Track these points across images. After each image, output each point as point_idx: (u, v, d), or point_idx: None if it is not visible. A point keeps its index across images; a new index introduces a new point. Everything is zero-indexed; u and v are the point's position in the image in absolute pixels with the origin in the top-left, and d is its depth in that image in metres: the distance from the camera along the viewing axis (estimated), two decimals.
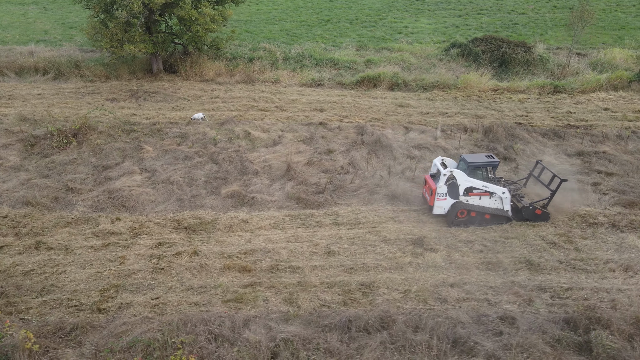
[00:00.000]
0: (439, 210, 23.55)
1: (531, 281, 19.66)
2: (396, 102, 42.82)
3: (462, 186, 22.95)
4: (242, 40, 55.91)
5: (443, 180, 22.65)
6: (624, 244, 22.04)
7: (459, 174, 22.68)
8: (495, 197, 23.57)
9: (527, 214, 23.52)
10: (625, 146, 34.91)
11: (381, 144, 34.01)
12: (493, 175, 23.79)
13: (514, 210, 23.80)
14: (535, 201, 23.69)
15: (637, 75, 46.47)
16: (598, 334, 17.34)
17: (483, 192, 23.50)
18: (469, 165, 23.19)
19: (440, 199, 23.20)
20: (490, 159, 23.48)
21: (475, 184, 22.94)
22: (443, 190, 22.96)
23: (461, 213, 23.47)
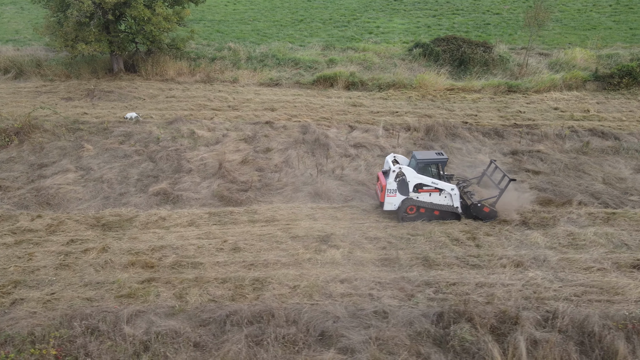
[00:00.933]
0: (389, 206, 24.38)
1: (421, 276, 20.21)
2: (350, 101, 43.31)
3: (412, 183, 23.61)
4: (211, 40, 56.41)
5: (392, 177, 23.26)
6: (526, 240, 22.62)
7: (408, 171, 23.39)
8: (445, 194, 24.25)
9: (476, 211, 24.29)
10: (562, 145, 35.46)
11: (319, 142, 34.56)
12: (442, 172, 23.78)
13: (463, 207, 24.09)
14: (484, 199, 24.04)
15: (592, 75, 46.71)
16: (458, 327, 17.88)
17: (433, 189, 24.15)
18: (417, 162, 23.72)
19: (390, 195, 24.01)
20: (440, 156, 24.09)
21: (424, 180, 23.66)
22: (393, 186, 23.68)
23: (410, 209, 24.20)
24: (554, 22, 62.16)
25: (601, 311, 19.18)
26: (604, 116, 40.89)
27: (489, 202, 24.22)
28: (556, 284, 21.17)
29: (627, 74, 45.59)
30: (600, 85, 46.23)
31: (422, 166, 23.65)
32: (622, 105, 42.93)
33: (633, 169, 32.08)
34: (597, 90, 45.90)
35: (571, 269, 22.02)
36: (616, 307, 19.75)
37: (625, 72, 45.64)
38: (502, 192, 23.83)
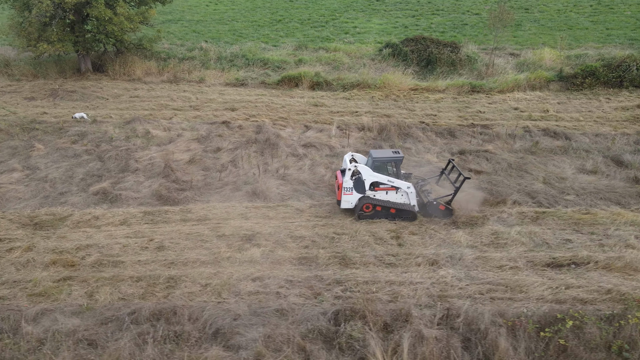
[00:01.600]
0: (346, 204, 24.80)
1: (335, 275, 20.41)
2: (312, 101, 43.73)
3: (368, 181, 23.92)
4: (186, 40, 56.86)
5: (348, 175, 23.61)
6: (449, 239, 22.87)
7: (363, 169, 23.73)
8: (402, 192, 24.52)
9: (431, 209, 24.65)
10: (512, 145, 35.73)
11: (270, 142, 34.90)
12: (398, 170, 24.17)
13: (420, 205, 24.41)
14: (440, 197, 24.43)
15: (557, 75, 46.98)
16: (350, 325, 18.24)
17: (389, 187, 24.38)
18: (374, 161, 24.07)
19: (347, 194, 24.41)
20: (396, 154, 24.38)
21: (380, 178, 23.94)
22: (349, 184, 24.04)
23: (367, 207, 24.55)
24: (531, 22, 62.45)
25: (501, 309, 19.44)
26: (561, 116, 41.10)
27: (445, 200, 24.44)
28: (464, 282, 21.47)
29: (590, 75, 45.84)
30: (564, 85, 46.33)
31: (378, 164, 24.12)
32: (582, 105, 43.14)
33: (576, 169, 32.35)
34: (561, 91, 46.06)
35: (484, 267, 22.39)
36: (516, 305, 20.00)
37: (588, 72, 45.90)
38: (457, 190, 24.40)
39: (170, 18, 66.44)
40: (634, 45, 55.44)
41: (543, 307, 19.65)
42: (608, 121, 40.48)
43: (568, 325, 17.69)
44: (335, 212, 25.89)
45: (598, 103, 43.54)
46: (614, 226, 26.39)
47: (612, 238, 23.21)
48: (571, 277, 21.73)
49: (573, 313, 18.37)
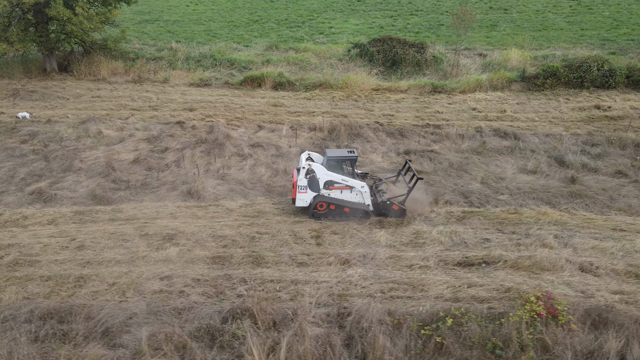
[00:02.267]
0: (301, 202, 25.00)
1: (244, 274, 20.87)
2: (271, 101, 44.02)
3: (322, 180, 24.12)
4: (159, 40, 57.15)
5: (303, 174, 23.84)
6: (369, 239, 23.12)
7: (317, 168, 23.91)
8: (356, 192, 24.64)
9: (385, 208, 24.95)
10: (459, 145, 35.93)
11: (218, 142, 35.17)
12: (354, 170, 24.55)
13: (375, 205, 24.73)
14: (393, 197, 24.81)
15: (520, 76, 47.14)
16: (236, 323, 18.56)
17: (344, 186, 24.59)
18: (328, 160, 24.29)
19: (301, 192, 24.62)
20: (351, 154, 24.64)
21: (334, 177, 24.20)
22: (303, 183, 24.28)
23: (320, 206, 24.79)
24: (507, 22, 62.62)
25: (393, 307, 19.62)
26: (517, 117, 41.31)
27: (398, 200, 24.80)
28: (369, 281, 21.72)
29: (551, 75, 46.01)
30: (526, 86, 46.41)
31: (332, 163, 24.41)
32: (540, 105, 43.33)
33: (517, 169, 32.56)
34: (522, 91, 46.27)
35: (394, 266, 22.62)
36: (413, 303, 20.23)
37: (549, 73, 46.06)
38: (410, 190, 24.77)
39: (148, 18, 66.79)
40: (604, 46, 55.51)
41: (438, 305, 19.58)
42: (563, 121, 40.59)
43: (448, 323, 17.81)
44: (263, 212, 26.55)
45: (557, 103, 43.61)
46: (537, 226, 26.59)
47: (531, 237, 23.44)
48: (477, 276, 21.92)
49: (455, 311, 18.45)
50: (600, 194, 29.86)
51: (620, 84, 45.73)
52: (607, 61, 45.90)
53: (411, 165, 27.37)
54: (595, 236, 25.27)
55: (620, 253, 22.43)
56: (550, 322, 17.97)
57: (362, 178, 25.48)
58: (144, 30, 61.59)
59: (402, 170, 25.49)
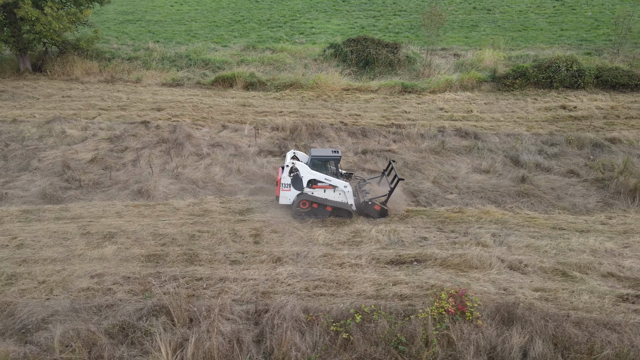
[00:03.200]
0: (285, 200, 25.23)
1: (175, 272, 20.90)
2: (241, 101, 44.34)
3: (305, 178, 24.26)
4: (138, 40, 57.51)
5: (286, 172, 24.07)
6: (307, 237, 23.36)
7: (301, 167, 24.08)
8: (339, 191, 24.82)
9: (367, 209, 25.30)
10: (419, 145, 36.16)
11: (178, 142, 35.48)
12: (336, 169, 24.86)
13: (358, 204, 25.14)
14: (375, 197, 25.08)
15: (490, 76, 47.34)
16: (150, 320, 18.86)
17: (327, 185, 24.74)
18: (311, 159, 24.57)
19: (284, 190, 24.81)
20: (335, 153, 24.73)
21: (317, 176, 24.36)
22: (287, 181, 24.48)
23: (303, 204, 25.03)
24: (489, 23, 62.78)
25: (319, 304, 20.06)
26: (483, 116, 41.50)
27: (380, 201, 25.13)
28: (296, 279, 21.98)
29: (521, 75, 46.14)
30: (496, 86, 46.49)
31: (316, 162, 24.65)
32: (508, 105, 43.54)
33: (472, 168, 32.80)
34: (492, 91, 46.44)
35: (326, 264, 22.83)
36: (335, 300, 20.50)
37: (519, 73, 46.22)
38: (391, 191, 24.95)
39: (130, 18, 67.17)
40: (582, 46, 55.72)
41: (358, 302, 19.87)
42: (527, 121, 40.80)
43: (357, 319, 18.06)
44: (209, 211, 26.74)
45: (524, 103, 43.80)
46: (478, 224, 26.83)
47: (469, 236, 23.71)
48: (405, 274, 22.18)
49: (365, 308, 18.70)
50: (548, 193, 30.06)
51: (589, 84, 45.85)
52: (576, 61, 46.04)
53: (394, 165, 27.51)
54: (533, 235, 25.54)
55: (554, 251, 22.70)
56: (459, 319, 18.06)
57: (346, 178, 25.59)
58: (125, 30, 61.92)
59: (385, 170, 25.64)
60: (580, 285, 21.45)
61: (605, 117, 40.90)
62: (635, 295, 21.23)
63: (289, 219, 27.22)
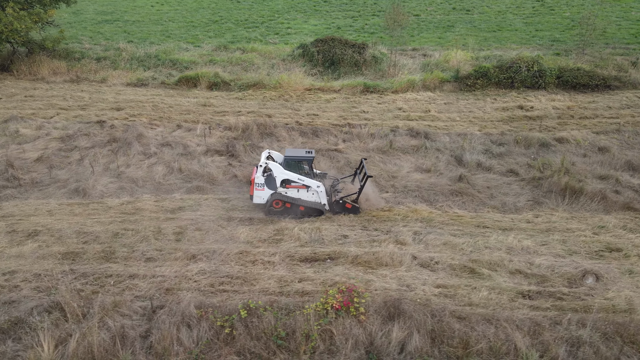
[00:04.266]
0: (258, 199, 25.54)
1: (88, 269, 21.23)
2: (202, 101, 44.60)
3: (279, 178, 24.67)
4: (112, 40, 57.90)
5: (260, 172, 24.37)
6: (229, 235, 23.67)
7: (275, 166, 24.47)
8: (312, 191, 25.24)
9: (338, 207, 25.67)
10: (367, 144, 36.39)
11: (127, 141, 35.85)
12: (312, 170, 25.25)
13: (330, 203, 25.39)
14: (346, 195, 25.55)
15: (453, 76, 47.52)
16: (42, 316, 19.19)
17: (300, 185, 25.22)
18: (285, 159, 24.97)
19: (258, 189, 25.13)
20: (308, 154, 25.06)
21: (290, 176, 24.79)
22: (260, 180, 24.79)
23: (276, 204, 25.45)
24: (465, 23, 62.96)
25: (220, 300, 20.37)
26: (439, 116, 41.70)
27: (351, 199, 25.56)
28: (205, 276, 22.24)
29: (482, 75, 46.27)
30: (458, 86, 46.62)
31: (289, 162, 25.04)
32: (467, 105, 43.72)
33: (414, 168, 33.00)
34: (454, 91, 46.62)
35: (238, 261, 23.10)
36: (238, 296, 20.76)
37: (481, 73, 46.38)
38: (361, 189, 25.29)
39: (108, 18, 67.61)
40: (552, 47, 55.94)
41: (259, 298, 20.12)
42: (483, 121, 40.96)
43: (243, 314, 18.36)
44: (141, 209, 27.08)
45: (483, 103, 43.96)
46: (404, 223, 27.06)
47: (390, 234, 23.93)
48: (314, 271, 22.45)
49: (250, 304, 19.01)
50: (482, 192, 30.26)
51: (550, 85, 46.02)
52: (537, 62, 46.20)
53: (365, 164, 27.82)
54: (455, 233, 25.76)
55: (470, 249, 22.94)
56: (343, 314, 18.34)
57: (320, 178, 25.89)
58: (100, 30, 62.26)
59: (358, 169, 25.80)
60: (485, 282, 21.68)
61: (560, 117, 40.93)
62: (536, 292, 21.25)
63: (217, 217, 27.80)
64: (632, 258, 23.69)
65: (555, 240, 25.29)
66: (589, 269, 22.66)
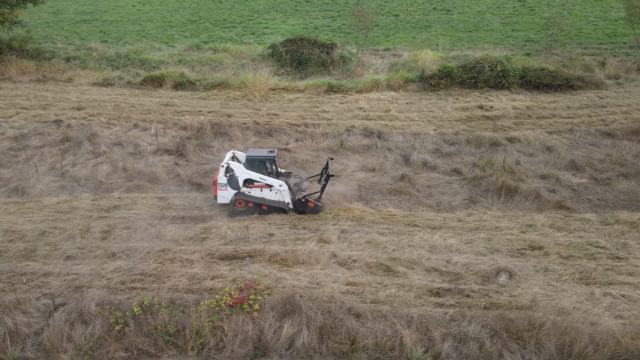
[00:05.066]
0: (222, 199, 25.76)
1: (5, 267, 21.46)
2: (164, 101, 44.69)
3: (241, 178, 24.87)
4: (86, 40, 58.06)
5: (222, 172, 24.62)
6: (157, 233, 23.93)
7: (236, 167, 24.72)
8: (275, 190, 25.35)
9: (301, 206, 25.73)
10: (318, 144, 36.46)
11: (78, 140, 36.02)
12: (272, 169, 25.48)
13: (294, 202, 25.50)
14: (308, 194, 25.66)
15: (418, 76, 47.54)
16: None
17: (263, 185, 25.36)
18: (247, 159, 25.18)
19: (221, 189, 25.30)
20: (270, 154, 25.41)
21: (253, 176, 24.99)
22: (223, 181, 25.03)
23: (239, 203, 25.60)
24: (443, 23, 62.95)
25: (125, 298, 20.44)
26: (398, 116, 41.74)
27: (314, 197, 25.68)
28: (118, 273, 22.37)
29: (446, 75, 46.24)
30: (422, 86, 46.61)
31: (250, 162, 25.32)
32: (428, 105, 43.74)
33: (360, 167, 32.93)
34: (418, 91, 46.63)
35: (157, 259, 23.03)
36: (144, 294, 20.77)
37: (445, 73, 46.35)
38: (323, 188, 25.69)
39: (87, 18, 67.75)
40: (525, 47, 55.92)
41: (165, 295, 20.22)
42: (441, 121, 41.01)
43: (136, 311, 18.47)
44: (76, 208, 27.50)
45: (445, 103, 43.95)
46: (334, 221, 27.08)
47: (317, 232, 24.00)
48: (229, 269, 22.46)
49: (145, 300, 19.12)
50: (422, 191, 30.28)
51: (514, 85, 45.91)
52: (500, 62, 46.16)
53: (330, 164, 28.04)
54: (382, 231, 25.81)
55: (392, 247, 23.09)
56: (237, 311, 18.45)
57: (285, 177, 26.20)
58: (77, 30, 62.28)
59: (324, 169, 25.89)
60: (397, 280, 21.78)
61: (517, 117, 40.91)
62: (446, 289, 21.32)
63: (150, 215, 28.23)
64: (552, 256, 23.55)
65: (481, 238, 25.20)
66: (504, 266, 22.49)
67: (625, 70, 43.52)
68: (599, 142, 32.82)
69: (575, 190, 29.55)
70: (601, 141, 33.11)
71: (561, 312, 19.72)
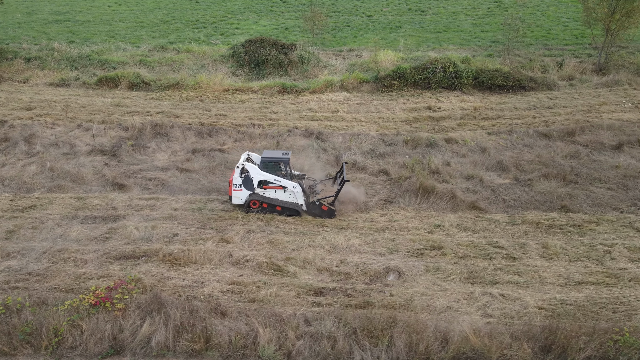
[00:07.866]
0: (237, 200, 26.05)
1: None
2: (116, 101, 44.72)
3: (256, 179, 25.13)
4: (53, 40, 58.20)
5: (238, 173, 24.93)
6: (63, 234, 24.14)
7: (251, 168, 25.01)
8: (289, 191, 25.53)
9: (314, 209, 25.91)
10: (255, 144, 36.56)
11: (14, 141, 36.09)
12: (286, 171, 25.58)
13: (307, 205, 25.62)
14: (323, 197, 25.77)
15: (373, 77, 47.48)
16: None
17: (277, 186, 25.59)
18: (261, 160, 25.43)
19: (236, 190, 25.56)
20: (285, 155, 25.59)
21: (267, 177, 25.20)
22: (238, 182, 25.28)
23: (253, 204, 25.84)
24: (413, 24, 62.82)
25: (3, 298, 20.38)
26: (345, 117, 41.64)
27: (328, 201, 25.80)
28: (7, 273, 22.37)
29: (400, 76, 46.15)
30: (376, 86, 46.54)
31: (265, 163, 25.54)
32: (378, 106, 43.60)
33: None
34: (372, 92, 46.45)
35: (52, 259, 22.65)
36: (22, 292, 20.73)
37: (398, 74, 46.26)
38: (338, 192, 25.68)
39: (60, 18, 67.74)
40: (490, 48, 55.71)
41: (46, 295, 20.32)
42: (386, 122, 40.92)
43: None
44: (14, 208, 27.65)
45: (395, 104, 43.83)
46: (244, 222, 26.96)
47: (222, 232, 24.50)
48: (121, 268, 22.47)
49: (7, 300, 19.23)
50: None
51: (466, 85, 45.67)
52: (453, 63, 45.94)
53: (345, 168, 28.14)
54: (288, 231, 25.68)
55: (292, 247, 23.14)
56: (100, 309, 18.50)
57: (299, 179, 26.31)
58: (46, 31, 62.32)
59: (339, 172, 26.10)
60: (283, 279, 21.64)
61: (462, 117, 40.75)
62: (331, 289, 21.37)
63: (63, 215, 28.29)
64: (448, 256, 23.54)
65: (385, 238, 25.11)
66: (394, 266, 22.38)
67: (581, 71, 43.50)
68: (534, 143, 32.82)
69: (494, 191, 29.40)
70: (537, 142, 33.16)
71: (431, 311, 19.64)
